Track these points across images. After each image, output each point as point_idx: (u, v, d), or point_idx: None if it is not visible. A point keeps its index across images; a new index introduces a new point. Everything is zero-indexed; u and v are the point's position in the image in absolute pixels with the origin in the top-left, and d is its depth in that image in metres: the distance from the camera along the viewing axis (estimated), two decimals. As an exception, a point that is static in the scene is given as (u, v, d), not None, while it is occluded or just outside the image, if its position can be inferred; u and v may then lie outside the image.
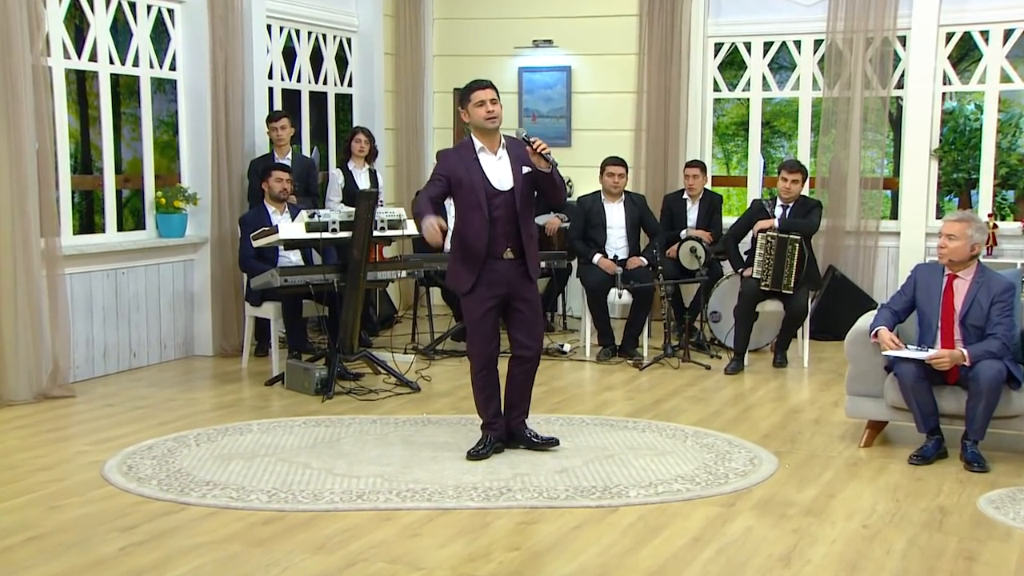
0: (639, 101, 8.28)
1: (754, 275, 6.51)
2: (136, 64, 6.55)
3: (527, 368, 4.56)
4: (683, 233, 7.35)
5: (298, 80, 7.86)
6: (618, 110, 8.43)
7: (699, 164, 7.55)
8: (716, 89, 8.36)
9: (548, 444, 4.66)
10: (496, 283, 4.43)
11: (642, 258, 6.88)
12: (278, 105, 7.55)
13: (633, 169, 8.07)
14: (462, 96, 4.43)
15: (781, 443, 4.87)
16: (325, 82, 8.16)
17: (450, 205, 4.78)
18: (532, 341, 4.52)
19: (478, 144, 4.44)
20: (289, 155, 6.90)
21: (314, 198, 7.15)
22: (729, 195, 11.32)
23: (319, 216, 5.67)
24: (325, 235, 5.66)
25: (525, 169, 4.41)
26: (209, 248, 6.82)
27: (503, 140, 4.45)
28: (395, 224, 5.84)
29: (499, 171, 4.44)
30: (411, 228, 5.89)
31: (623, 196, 6.97)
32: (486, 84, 4.43)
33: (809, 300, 6.67)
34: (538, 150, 4.29)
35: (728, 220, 7.55)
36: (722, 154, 11.94)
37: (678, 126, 8.14)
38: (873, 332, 4.67)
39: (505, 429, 4.61)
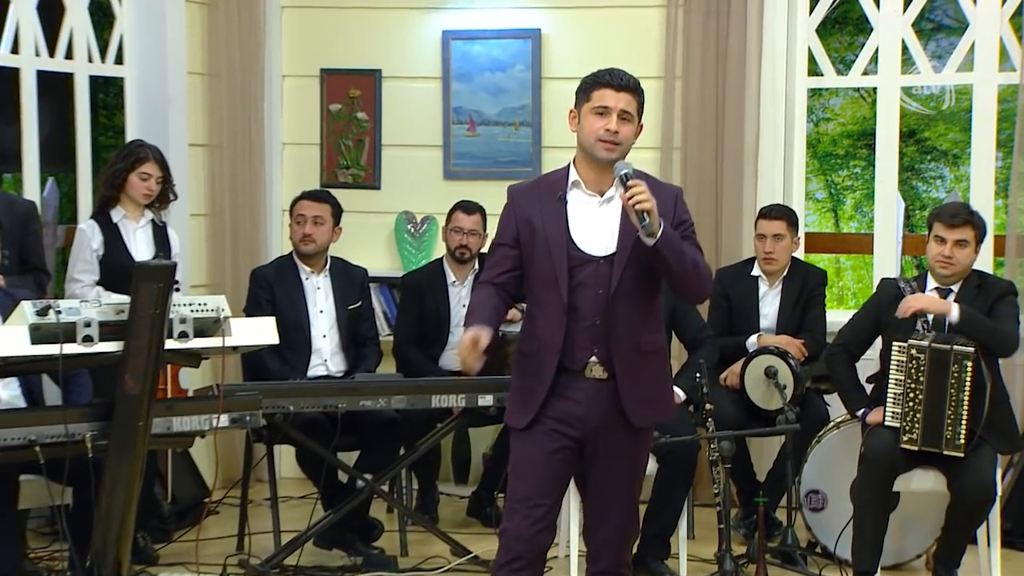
0: (668, 94, 8.28)
1: (887, 421, 6.49)
2: None
3: None
4: (752, 341, 7.43)
5: (14, 51, 7.73)
6: (630, 111, 8.40)
7: (783, 213, 7.56)
8: (814, 71, 8.40)
9: None
10: (569, 416, 4.79)
11: (675, 389, 6.71)
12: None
13: (659, 221, 8.02)
14: (581, 89, 4.89)
15: None
16: (70, 55, 8.02)
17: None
18: (604, 545, 4.90)
19: (574, 176, 4.87)
20: None
21: (39, 276, 7.04)
22: (839, 268, 11.43)
23: (57, 312, 5.45)
24: (70, 349, 5.47)
25: None
26: None
27: (623, 175, 4.75)
28: (208, 327, 5.73)
29: (597, 224, 4.81)
30: (239, 334, 5.85)
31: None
32: (625, 83, 4.80)
33: (998, 472, 6.59)
34: (630, 199, 4.62)
35: (838, 317, 7.56)
36: (825, 193, 12.03)
37: (742, 141, 8.13)
38: None
39: None
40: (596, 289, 4.75)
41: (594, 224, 4.79)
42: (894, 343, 6.47)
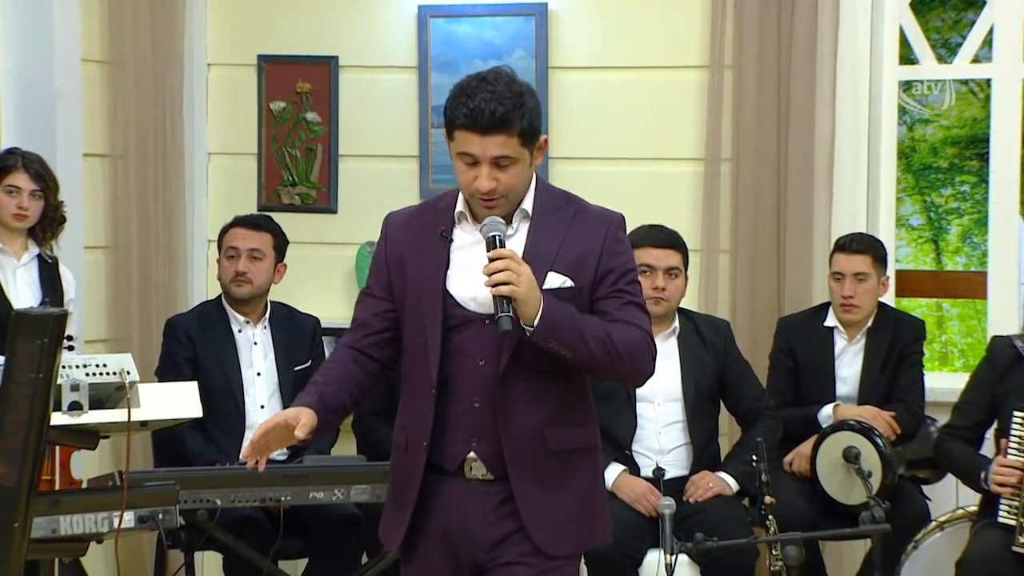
0: (715, 89, 8.23)
1: (999, 517, 6.52)
2: None
3: None
4: (826, 413, 7.43)
5: None
6: (666, 113, 8.43)
7: (867, 246, 7.54)
8: (908, 59, 8.40)
9: None
10: (452, 533, 4.68)
11: (724, 476, 7.11)
12: None
13: (701, 256, 8.15)
14: (444, 117, 4.63)
15: None
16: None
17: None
18: None
19: (460, 206, 4.72)
20: None
21: None
22: (942, 317, 11.59)
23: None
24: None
25: (556, 280, 4.56)
26: None
27: (537, 197, 4.69)
28: (109, 396, 5.68)
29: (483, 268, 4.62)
30: (150, 405, 5.79)
31: (675, 323, 7.26)
32: (493, 123, 4.45)
33: None
34: (490, 275, 4.50)
35: (940, 382, 7.77)
36: (923, 218, 12.24)
37: (812, 150, 8.04)
38: None
39: None
40: (476, 359, 4.56)
41: (481, 270, 4.52)
42: (1015, 412, 6.43)
